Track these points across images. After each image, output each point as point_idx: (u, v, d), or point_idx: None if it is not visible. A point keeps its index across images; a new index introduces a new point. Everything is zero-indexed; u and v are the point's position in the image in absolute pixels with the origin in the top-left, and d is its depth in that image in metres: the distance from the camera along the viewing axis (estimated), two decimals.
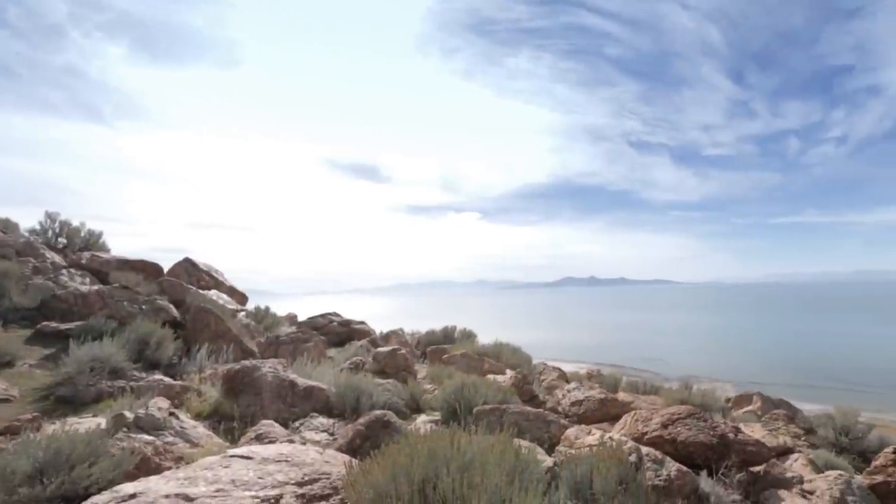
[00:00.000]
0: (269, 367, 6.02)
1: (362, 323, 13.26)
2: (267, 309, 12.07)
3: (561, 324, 66.85)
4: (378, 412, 5.02)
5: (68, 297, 8.02)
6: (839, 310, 75.34)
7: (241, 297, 12.24)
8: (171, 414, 4.63)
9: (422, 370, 9.69)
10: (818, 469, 5.51)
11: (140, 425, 4.24)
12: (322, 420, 5.60)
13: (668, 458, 4.53)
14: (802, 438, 7.69)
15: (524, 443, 4.10)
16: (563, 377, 11.23)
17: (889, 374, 24.92)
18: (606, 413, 7.39)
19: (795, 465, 5.62)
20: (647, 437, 5.12)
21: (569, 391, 8.26)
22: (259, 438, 4.45)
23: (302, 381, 6.05)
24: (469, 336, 13.13)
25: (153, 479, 2.82)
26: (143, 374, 6.17)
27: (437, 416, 6.34)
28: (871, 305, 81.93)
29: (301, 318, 13.85)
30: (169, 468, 3.60)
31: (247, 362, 6.15)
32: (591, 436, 4.93)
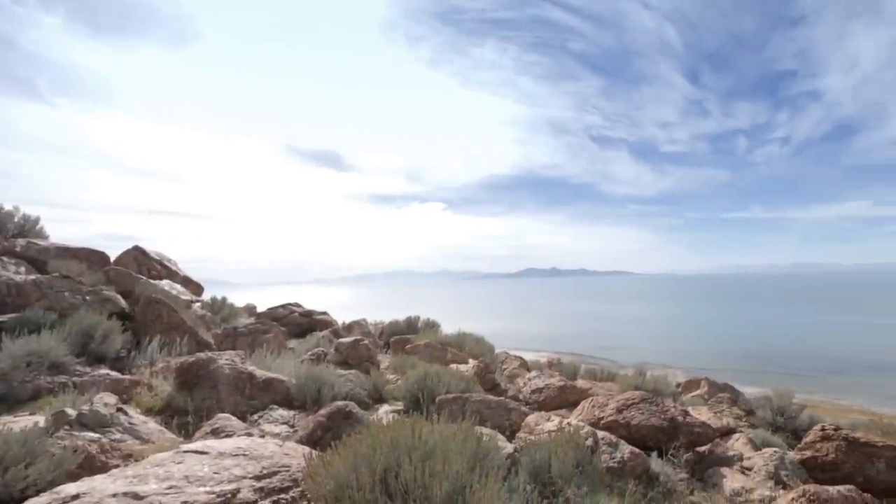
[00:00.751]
0: (225, 359, 5.82)
1: (324, 313, 13.04)
2: (224, 299, 11.64)
3: (523, 314, 68.26)
4: (339, 403, 4.97)
5: (1, 287, 7.44)
6: (782, 300, 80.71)
7: (196, 288, 11.74)
8: (119, 410, 4.40)
9: (385, 360, 9.66)
10: (756, 447, 5.93)
11: (84, 422, 4.00)
12: (282, 412, 5.49)
13: (623, 442, 4.75)
14: (744, 419, 8.23)
15: (486, 430, 4.17)
16: (525, 366, 11.50)
17: (822, 359, 27.22)
18: (565, 400, 7.64)
19: (737, 444, 6.02)
20: (603, 421, 5.34)
21: (530, 379, 8.46)
22: (215, 433, 4.31)
23: (261, 373, 5.90)
24: (432, 326, 13.19)
25: (98, 478, 2.68)
26: (88, 369, 5.80)
27: (399, 405, 6.35)
28: (809, 296, 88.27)
29: (260, 308, 13.47)
30: (116, 466, 3.42)
31: (202, 354, 5.92)
32: (551, 422, 5.08)
